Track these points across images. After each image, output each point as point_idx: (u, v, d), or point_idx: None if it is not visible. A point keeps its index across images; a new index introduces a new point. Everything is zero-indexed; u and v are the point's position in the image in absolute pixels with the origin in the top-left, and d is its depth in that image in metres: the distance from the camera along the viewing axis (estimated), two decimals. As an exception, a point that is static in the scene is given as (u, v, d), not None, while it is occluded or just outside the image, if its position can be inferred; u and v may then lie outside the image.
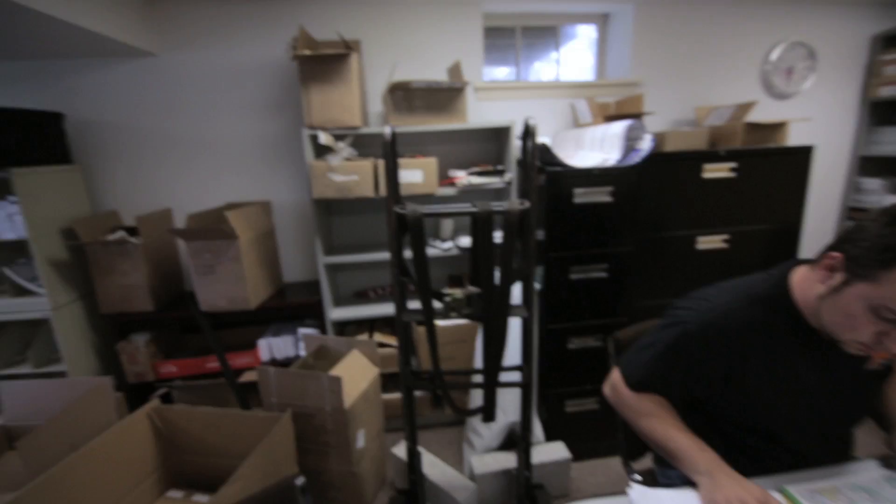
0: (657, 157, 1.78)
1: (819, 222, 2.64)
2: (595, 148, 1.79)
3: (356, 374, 1.68)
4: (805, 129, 2.40)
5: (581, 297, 1.80)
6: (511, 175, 1.99)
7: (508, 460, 1.69)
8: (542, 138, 1.79)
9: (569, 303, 1.80)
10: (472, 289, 1.24)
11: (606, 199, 1.70)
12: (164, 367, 2.02)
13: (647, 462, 1.25)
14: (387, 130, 1.17)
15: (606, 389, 1.02)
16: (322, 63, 1.74)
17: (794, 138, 2.10)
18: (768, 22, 2.36)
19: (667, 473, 1.07)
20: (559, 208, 1.70)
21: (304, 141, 1.83)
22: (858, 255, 0.72)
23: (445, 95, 1.88)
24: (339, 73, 1.74)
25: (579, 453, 1.90)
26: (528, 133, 1.19)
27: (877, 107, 2.53)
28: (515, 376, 1.42)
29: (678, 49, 2.32)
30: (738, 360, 0.85)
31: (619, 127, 1.66)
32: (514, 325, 1.69)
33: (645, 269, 1.87)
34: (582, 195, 1.69)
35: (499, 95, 2.24)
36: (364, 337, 2.11)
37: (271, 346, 2.05)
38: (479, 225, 1.15)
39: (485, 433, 1.82)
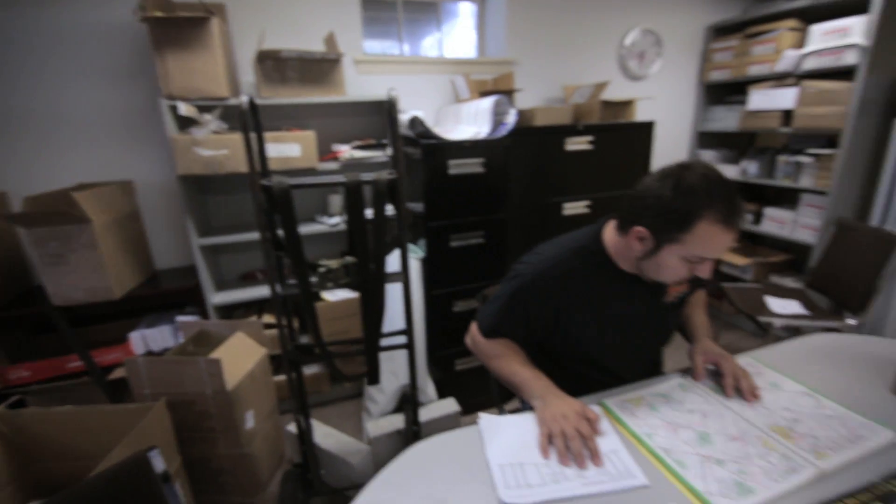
0: (527, 131, 1.93)
1: (668, 189, 3.06)
2: (470, 122, 1.89)
3: (240, 355, 1.63)
4: (653, 108, 2.74)
5: (462, 262, 1.92)
6: (394, 149, 2.03)
7: (401, 421, 1.78)
8: (420, 112, 1.85)
9: (451, 269, 1.91)
10: (348, 258, 1.27)
11: (479, 170, 1.82)
12: (14, 373, 1.78)
13: (516, 403, 1.41)
14: (244, 100, 1.14)
15: (467, 339, 1.13)
16: (177, 27, 1.60)
17: (644, 116, 2.39)
18: (623, 9, 2.62)
19: (527, 408, 1.22)
20: (436, 180, 1.78)
21: (163, 113, 1.68)
22: (661, 228, 0.87)
23: (320, 67, 1.84)
24: (199, 39, 1.62)
25: (471, 407, 2.05)
26: (392, 105, 1.23)
27: (710, 88, 2.97)
28: (402, 340, 1.49)
29: (548, 30, 2.49)
30: (563, 302, 0.99)
31: (488, 102, 1.77)
32: (400, 291, 1.76)
33: (518, 234, 2.04)
34: (456, 167, 1.78)
35: (381, 69, 2.23)
36: (253, 319, 2.04)
37: (146, 338, 1.90)
38: (350, 195, 1.18)
39: (380, 399, 1.89)
